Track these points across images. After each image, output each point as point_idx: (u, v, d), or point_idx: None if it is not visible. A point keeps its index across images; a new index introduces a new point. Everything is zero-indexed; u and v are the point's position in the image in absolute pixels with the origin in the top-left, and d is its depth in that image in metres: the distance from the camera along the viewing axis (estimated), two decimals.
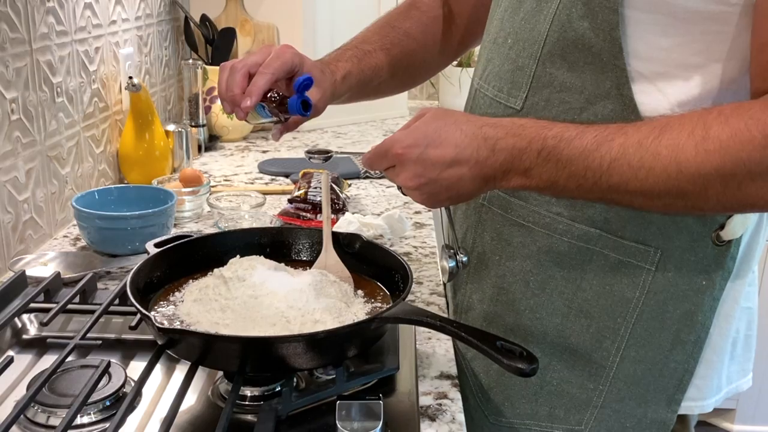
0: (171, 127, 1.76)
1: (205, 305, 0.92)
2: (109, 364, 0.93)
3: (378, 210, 1.60)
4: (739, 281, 0.90)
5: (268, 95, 0.96)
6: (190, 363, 0.85)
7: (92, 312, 1.04)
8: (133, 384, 0.92)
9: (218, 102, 2.12)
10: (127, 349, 1.02)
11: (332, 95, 1.03)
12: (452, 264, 0.93)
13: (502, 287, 0.96)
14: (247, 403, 0.85)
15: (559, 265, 0.90)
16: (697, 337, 0.88)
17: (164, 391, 0.93)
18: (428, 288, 1.22)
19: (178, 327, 0.86)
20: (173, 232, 1.41)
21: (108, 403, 0.88)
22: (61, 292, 1.12)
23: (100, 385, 0.90)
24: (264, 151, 2.09)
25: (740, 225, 0.83)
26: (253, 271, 0.95)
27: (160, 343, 0.85)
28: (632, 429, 0.92)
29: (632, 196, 0.76)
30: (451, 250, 0.93)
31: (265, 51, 0.97)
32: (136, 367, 0.95)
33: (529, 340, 0.93)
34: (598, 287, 0.88)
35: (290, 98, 0.94)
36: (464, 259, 0.93)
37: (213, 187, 1.70)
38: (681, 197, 0.73)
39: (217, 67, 2.04)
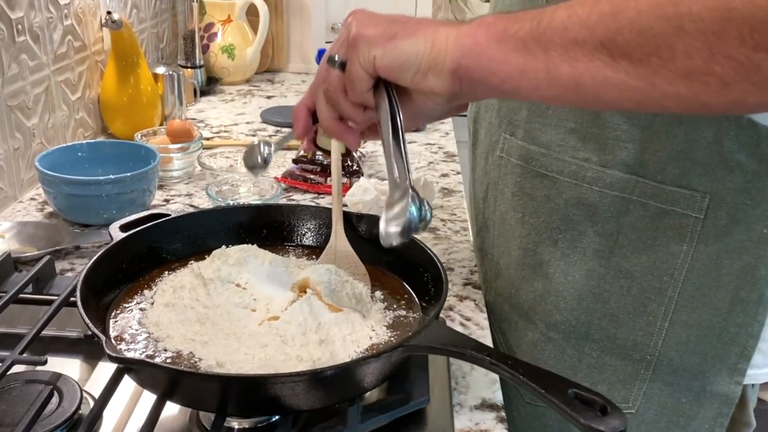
0: (160, 70, 1.54)
1: (178, 313, 0.71)
2: (59, 379, 0.74)
3: None
4: None
5: None
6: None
7: (49, 303, 0.85)
8: (91, 403, 0.73)
9: (217, 40, 1.88)
10: (91, 351, 0.82)
11: None
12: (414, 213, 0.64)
13: (527, 248, 0.87)
14: None
15: (590, 219, 0.80)
16: (760, 296, 0.77)
17: (133, 411, 0.74)
18: (460, 276, 1.00)
19: (137, 355, 0.65)
20: (155, 199, 1.20)
21: None
22: (12, 278, 0.92)
23: (48, 408, 0.71)
24: (269, 97, 1.87)
25: None
26: (241, 269, 0.74)
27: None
28: (689, 405, 0.83)
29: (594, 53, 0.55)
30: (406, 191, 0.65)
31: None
32: (100, 377, 0.77)
33: (562, 306, 0.84)
34: (638, 242, 0.79)
35: None
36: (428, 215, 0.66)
37: (207, 140, 1.48)
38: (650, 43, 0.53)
39: (215, 0, 1.83)
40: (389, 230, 0.61)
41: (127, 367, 0.63)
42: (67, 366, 0.84)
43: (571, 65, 0.56)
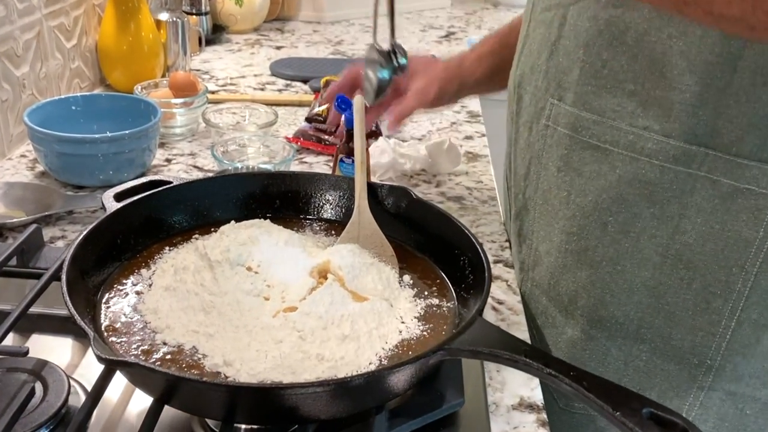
0: (163, 16, 1.43)
1: (180, 300, 0.62)
2: (44, 367, 0.66)
3: (418, 132, 1.28)
4: None
5: None
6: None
7: (36, 277, 0.76)
8: (81, 394, 0.65)
9: None
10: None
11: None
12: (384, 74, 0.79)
13: (572, 232, 0.77)
14: None
15: (648, 199, 0.70)
16: None
17: (129, 402, 0.66)
18: (490, 252, 0.91)
19: (133, 349, 0.56)
20: (156, 159, 1.10)
21: (45, 431, 0.61)
22: None
23: (32, 402, 0.63)
24: (278, 47, 1.75)
25: None
26: (252, 250, 0.65)
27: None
28: (755, 417, 0.75)
29: None
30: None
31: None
32: (92, 362, 0.68)
33: (608, 300, 0.75)
34: (704, 227, 0.69)
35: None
36: (403, 61, 0.80)
37: (213, 93, 1.38)
38: None
39: None
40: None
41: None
42: (56, 349, 0.76)
43: None
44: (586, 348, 0.78)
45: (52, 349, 0.75)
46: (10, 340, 0.72)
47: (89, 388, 0.66)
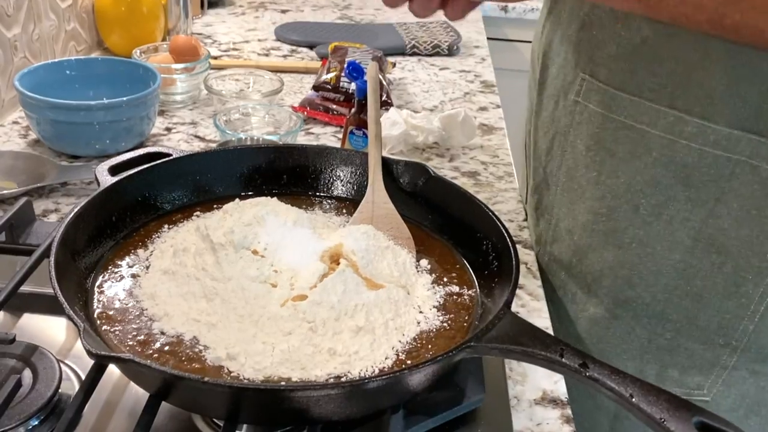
0: None
1: (180, 285, 0.57)
2: (34, 352, 0.61)
3: (430, 103, 1.22)
4: None
5: None
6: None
7: (27, 254, 0.71)
8: (74, 380, 0.61)
9: None
10: None
11: None
12: None
13: (599, 213, 0.74)
14: None
15: (684, 183, 0.67)
16: None
17: (125, 390, 0.61)
18: None
19: (128, 339, 0.52)
20: (155, 127, 1.04)
21: (35, 422, 0.57)
22: None
23: (21, 391, 0.58)
24: (283, 11, 1.69)
25: None
26: (258, 231, 0.59)
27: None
28: None
29: None
30: None
31: None
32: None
33: (636, 281, 0.73)
34: (741, 212, 0.67)
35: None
36: None
37: (215, 59, 1.32)
38: None
39: None
40: None
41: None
42: (47, 331, 0.71)
43: None
44: (609, 327, 0.76)
45: (44, 330, 0.71)
46: None
47: (83, 375, 0.62)
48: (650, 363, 0.76)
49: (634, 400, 0.44)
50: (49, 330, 0.72)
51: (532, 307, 0.76)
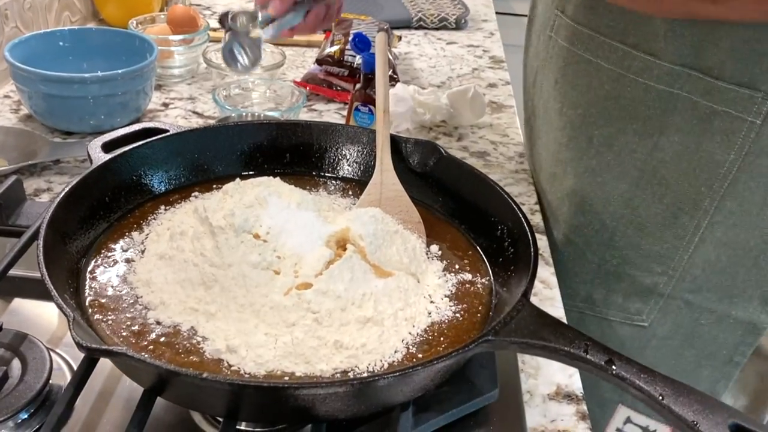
0: None
1: (177, 271, 0.54)
2: (23, 341, 0.59)
3: (437, 79, 1.18)
4: None
5: None
6: None
7: (17, 235, 0.68)
8: (66, 371, 0.58)
9: None
10: None
11: None
12: None
13: (561, 143, 0.81)
14: None
15: (631, 115, 0.73)
16: None
17: (119, 381, 0.59)
18: None
19: (121, 330, 0.48)
20: (152, 102, 1.00)
21: (24, 416, 0.54)
22: None
23: (8, 383, 0.55)
24: None
25: None
26: (260, 214, 0.56)
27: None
28: (709, 327, 0.79)
29: None
30: None
31: None
32: None
33: (587, 209, 0.80)
34: (680, 146, 0.72)
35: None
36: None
37: (214, 30, 1.27)
38: None
39: None
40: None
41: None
42: (38, 317, 0.68)
43: None
44: (564, 251, 0.83)
45: (34, 317, 0.68)
46: None
47: (75, 365, 0.59)
48: (599, 288, 0.82)
49: (664, 401, 0.41)
50: (40, 317, 0.68)
51: (544, 295, 0.73)
